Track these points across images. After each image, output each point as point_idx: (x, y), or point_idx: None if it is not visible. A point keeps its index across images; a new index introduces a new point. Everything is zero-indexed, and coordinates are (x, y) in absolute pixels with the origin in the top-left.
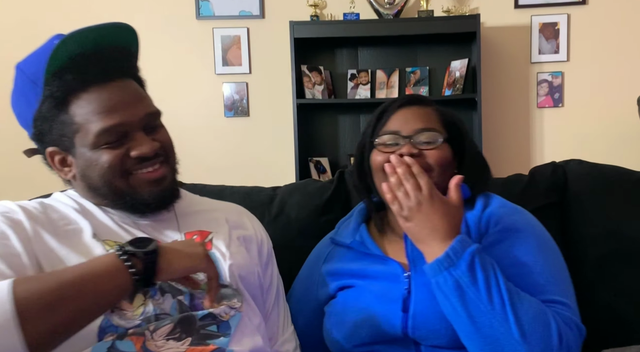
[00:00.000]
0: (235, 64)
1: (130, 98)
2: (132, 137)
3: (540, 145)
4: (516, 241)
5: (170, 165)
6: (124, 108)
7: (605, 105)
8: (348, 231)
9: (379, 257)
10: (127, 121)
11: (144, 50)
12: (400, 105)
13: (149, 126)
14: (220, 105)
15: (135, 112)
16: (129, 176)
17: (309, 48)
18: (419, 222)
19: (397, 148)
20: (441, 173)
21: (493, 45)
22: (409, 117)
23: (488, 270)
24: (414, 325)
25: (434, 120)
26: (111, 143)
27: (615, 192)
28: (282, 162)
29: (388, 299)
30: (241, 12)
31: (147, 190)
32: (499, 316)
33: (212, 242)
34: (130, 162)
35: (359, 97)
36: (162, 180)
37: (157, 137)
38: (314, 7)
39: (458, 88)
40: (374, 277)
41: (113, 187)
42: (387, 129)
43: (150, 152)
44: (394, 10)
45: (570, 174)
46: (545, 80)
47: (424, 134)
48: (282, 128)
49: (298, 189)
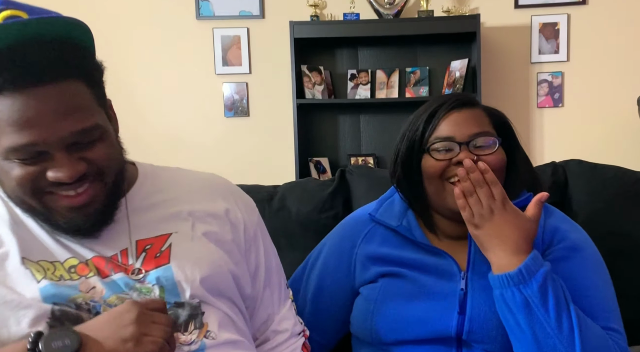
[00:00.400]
0: (235, 64)
1: (52, 112)
2: (51, 157)
3: (540, 145)
4: (581, 262)
5: (105, 183)
6: (41, 124)
7: (605, 105)
8: (393, 212)
9: (431, 250)
10: (43, 140)
11: (144, 50)
12: (451, 107)
13: (77, 144)
14: (220, 105)
15: (56, 130)
16: (43, 194)
17: (309, 48)
18: (489, 231)
19: (452, 154)
20: (499, 178)
21: (493, 45)
22: (460, 121)
23: (559, 293)
24: (470, 329)
25: (486, 123)
26: (23, 160)
27: (615, 192)
28: (282, 162)
29: (442, 297)
30: (241, 12)
31: (64, 216)
32: (566, 341)
33: (170, 249)
34: (46, 182)
35: (359, 97)
36: (85, 206)
37: (88, 156)
38: (314, 7)
39: (458, 88)
40: (424, 270)
41: (25, 204)
42: (439, 135)
43: (71, 178)
44: (394, 10)
45: (570, 174)
46: (545, 80)
47: (479, 138)
48: (282, 128)
49: (299, 186)
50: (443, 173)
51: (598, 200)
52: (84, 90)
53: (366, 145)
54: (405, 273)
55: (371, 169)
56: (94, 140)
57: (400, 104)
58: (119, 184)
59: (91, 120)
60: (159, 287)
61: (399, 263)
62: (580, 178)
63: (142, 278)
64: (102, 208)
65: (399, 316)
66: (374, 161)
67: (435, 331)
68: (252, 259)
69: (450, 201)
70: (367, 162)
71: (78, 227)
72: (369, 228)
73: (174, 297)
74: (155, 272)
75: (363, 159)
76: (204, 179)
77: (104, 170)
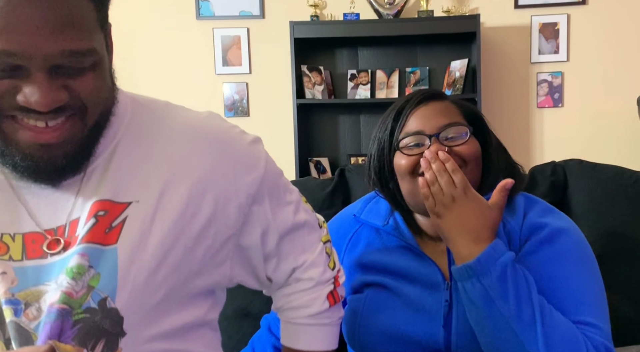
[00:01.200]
0: (235, 64)
1: (43, 20)
2: (27, 75)
3: (540, 145)
4: (551, 253)
5: (85, 123)
6: (26, 33)
7: (605, 105)
8: (379, 211)
9: (416, 253)
10: (24, 52)
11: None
12: (418, 102)
13: (64, 67)
14: (220, 105)
15: (42, 44)
16: (4, 120)
17: (309, 48)
18: (450, 220)
19: (423, 149)
20: (474, 168)
21: (493, 45)
22: (429, 114)
23: (520, 283)
24: (457, 342)
25: (455, 113)
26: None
27: (615, 192)
28: (282, 162)
29: (427, 310)
30: (241, 12)
31: (23, 152)
32: (527, 333)
33: (123, 225)
34: (12, 104)
35: (359, 97)
36: (54, 146)
37: (72, 85)
38: (314, 7)
39: (458, 88)
40: (409, 279)
41: None
42: (408, 130)
43: (45, 106)
44: (394, 10)
45: (570, 173)
46: (545, 80)
47: (449, 129)
48: (282, 128)
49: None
50: (415, 169)
51: (598, 200)
52: (86, 5)
53: (366, 146)
54: (389, 284)
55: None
56: (84, 68)
57: None
58: (100, 128)
59: (88, 42)
60: (95, 274)
61: (383, 271)
62: (580, 178)
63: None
64: (74, 154)
65: (385, 331)
66: None
67: (424, 346)
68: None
69: (421, 200)
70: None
71: (36, 171)
72: (354, 230)
73: (107, 291)
74: (97, 252)
75: (363, 159)
76: (192, 127)
77: (88, 106)
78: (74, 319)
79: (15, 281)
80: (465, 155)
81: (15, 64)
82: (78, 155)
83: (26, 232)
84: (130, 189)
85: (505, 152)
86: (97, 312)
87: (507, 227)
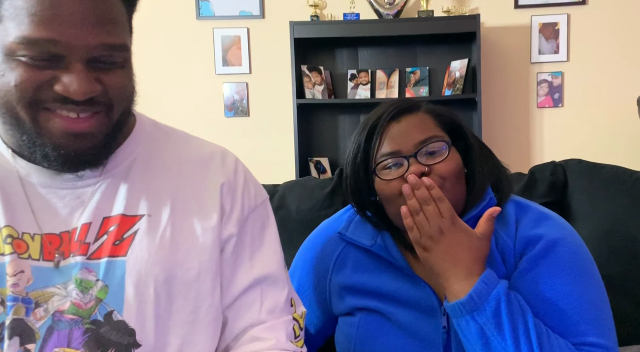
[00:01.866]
0: (235, 64)
1: (87, 13)
2: (66, 65)
3: (540, 145)
4: (550, 269)
5: (110, 118)
6: (71, 24)
7: (605, 105)
8: (366, 228)
9: (408, 274)
10: (67, 42)
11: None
12: (390, 118)
13: (99, 61)
14: (220, 105)
15: (84, 35)
16: (39, 110)
17: (309, 48)
18: (439, 254)
19: (401, 170)
20: (456, 182)
21: (493, 45)
22: (403, 131)
23: (515, 315)
24: None
25: (431, 126)
26: (34, 59)
27: (614, 192)
28: (282, 162)
29: (424, 336)
30: (241, 12)
31: (55, 141)
32: None
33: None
34: (50, 95)
35: (359, 97)
36: (83, 136)
37: (105, 80)
38: (314, 7)
39: (458, 88)
40: (403, 304)
41: (13, 114)
42: (384, 151)
43: (82, 95)
44: (394, 10)
45: (569, 173)
46: (545, 80)
47: (427, 146)
48: (282, 128)
49: (299, 185)
50: (400, 192)
51: (598, 200)
52: (121, 8)
53: None
54: (383, 309)
55: None
56: (115, 63)
57: None
58: (121, 126)
59: (122, 38)
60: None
61: (375, 295)
62: (580, 178)
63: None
64: (99, 147)
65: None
66: None
67: None
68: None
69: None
70: None
71: (64, 160)
72: (340, 249)
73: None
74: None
75: None
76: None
77: (114, 102)
78: (85, 327)
79: (31, 280)
80: (445, 172)
81: (57, 54)
82: (102, 148)
83: (45, 233)
84: (143, 204)
85: (491, 155)
86: (102, 324)
87: (500, 244)
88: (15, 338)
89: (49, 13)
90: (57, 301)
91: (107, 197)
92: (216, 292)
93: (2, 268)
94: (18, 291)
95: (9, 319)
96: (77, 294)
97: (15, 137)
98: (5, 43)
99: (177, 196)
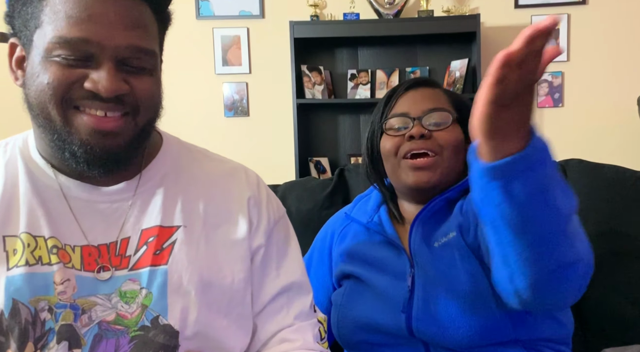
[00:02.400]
0: (235, 64)
1: (119, 17)
2: (97, 64)
3: None
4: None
5: (136, 123)
6: (104, 26)
7: (605, 105)
8: (366, 209)
9: (395, 245)
10: (99, 41)
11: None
12: (408, 87)
13: (128, 64)
14: (220, 105)
15: (115, 36)
16: (70, 108)
17: (309, 48)
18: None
19: (406, 131)
20: (452, 155)
21: (493, 45)
22: (417, 99)
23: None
24: (418, 328)
25: (443, 100)
26: (67, 58)
27: (615, 192)
28: (282, 162)
29: (390, 298)
30: (241, 12)
31: (84, 139)
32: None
33: (173, 247)
34: (80, 93)
35: (359, 97)
36: (110, 134)
37: (132, 82)
38: (314, 7)
39: (458, 88)
40: (381, 270)
41: (45, 114)
42: (395, 112)
43: (110, 92)
44: (394, 10)
45: (570, 173)
46: (545, 80)
47: (433, 114)
48: (282, 128)
49: (299, 185)
50: (398, 150)
51: (598, 200)
52: (152, 19)
53: None
54: (364, 275)
55: None
56: (144, 69)
57: None
58: (147, 134)
59: (151, 45)
60: (148, 293)
61: (362, 262)
62: (580, 178)
63: (134, 276)
64: (125, 147)
65: (357, 321)
66: None
67: (390, 333)
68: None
69: (404, 178)
70: None
71: (92, 159)
72: (345, 225)
73: (159, 309)
74: (149, 272)
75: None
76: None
77: (141, 107)
78: (131, 336)
79: (76, 288)
80: (443, 141)
81: (89, 53)
82: (127, 150)
83: (83, 245)
84: (177, 215)
85: None
86: (150, 329)
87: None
88: (64, 343)
89: (84, 14)
90: (100, 312)
91: (143, 211)
92: (247, 299)
93: (50, 277)
94: (66, 298)
95: (57, 326)
96: (122, 306)
97: (47, 139)
98: (44, 44)
99: (207, 208)
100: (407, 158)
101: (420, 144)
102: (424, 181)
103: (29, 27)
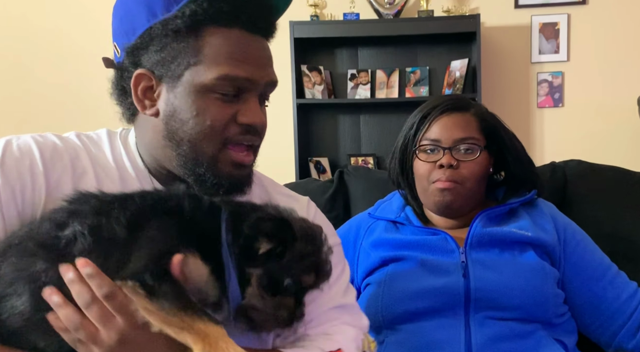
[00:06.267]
0: None
1: (265, 58)
2: (244, 100)
3: (540, 145)
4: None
5: (254, 156)
6: (257, 66)
7: (605, 105)
8: (391, 209)
9: (429, 230)
10: (254, 79)
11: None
12: (442, 111)
13: (264, 97)
14: None
15: (265, 74)
16: (223, 146)
17: (309, 48)
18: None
19: (437, 156)
20: (474, 184)
21: (493, 45)
22: (449, 126)
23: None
24: (476, 292)
25: (473, 127)
26: (225, 95)
27: (614, 192)
28: (282, 162)
29: (445, 269)
30: None
31: (228, 170)
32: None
33: None
34: (234, 130)
35: (359, 97)
36: (245, 167)
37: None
38: (314, 7)
39: (458, 88)
40: (427, 249)
41: (198, 150)
42: (428, 136)
43: (261, 123)
44: (394, 10)
45: (570, 174)
46: (546, 80)
47: (463, 144)
48: (282, 128)
49: (299, 188)
50: (429, 175)
51: (598, 200)
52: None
53: (366, 146)
54: (408, 255)
55: (369, 170)
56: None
57: (400, 104)
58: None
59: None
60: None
61: (401, 245)
62: (580, 178)
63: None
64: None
65: (407, 290)
66: (374, 161)
67: (444, 297)
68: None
69: (431, 201)
70: (367, 162)
71: (235, 186)
72: (371, 222)
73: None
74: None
75: (363, 159)
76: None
77: (262, 138)
78: None
79: None
80: (468, 171)
81: (243, 88)
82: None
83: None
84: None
85: (526, 163)
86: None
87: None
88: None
89: (243, 56)
90: None
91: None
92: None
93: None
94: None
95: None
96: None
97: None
98: (204, 81)
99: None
100: (435, 182)
101: (447, 175)
102: (447, 201)
103: (179, 62)
